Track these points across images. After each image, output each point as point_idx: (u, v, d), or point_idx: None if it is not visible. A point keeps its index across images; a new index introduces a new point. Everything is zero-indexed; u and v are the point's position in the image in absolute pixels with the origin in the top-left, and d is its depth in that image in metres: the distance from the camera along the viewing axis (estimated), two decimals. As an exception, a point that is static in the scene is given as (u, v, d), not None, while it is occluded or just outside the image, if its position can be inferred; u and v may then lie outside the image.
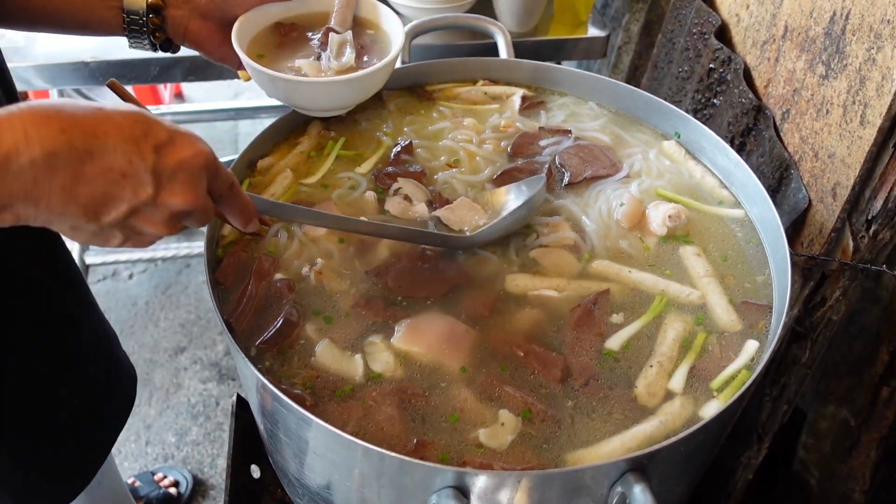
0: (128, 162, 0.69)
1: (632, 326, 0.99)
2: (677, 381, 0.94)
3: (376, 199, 1.14)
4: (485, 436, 0.89)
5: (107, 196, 0.69)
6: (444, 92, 1.35)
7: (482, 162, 1.20)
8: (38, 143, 0.64)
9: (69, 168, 0.66)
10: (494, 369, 0.95)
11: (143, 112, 0.72)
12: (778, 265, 1.05)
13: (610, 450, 0.88)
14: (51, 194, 0.67)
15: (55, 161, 0.65)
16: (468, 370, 0.94)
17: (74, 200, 0.68)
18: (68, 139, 0.66)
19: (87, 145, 0.67)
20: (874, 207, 1.09)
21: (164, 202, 0.73)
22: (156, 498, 2.16)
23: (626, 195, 1.14)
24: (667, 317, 1.01)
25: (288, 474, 1.08)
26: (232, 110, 2.92)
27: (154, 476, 2.22)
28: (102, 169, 0.68)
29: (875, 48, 1.04)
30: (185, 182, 0.73)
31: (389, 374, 0.94)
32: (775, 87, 1.30)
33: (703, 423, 0.84)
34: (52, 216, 0.69)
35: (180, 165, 0.72)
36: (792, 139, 1.24)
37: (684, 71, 1.59)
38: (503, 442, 0.88)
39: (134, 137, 0.69)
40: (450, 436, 0.89)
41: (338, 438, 0.83)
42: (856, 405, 1.43)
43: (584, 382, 0.93)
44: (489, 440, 0.88)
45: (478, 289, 1.03)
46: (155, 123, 0.71)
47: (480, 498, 0.82)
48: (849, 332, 1.44)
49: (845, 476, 1.48)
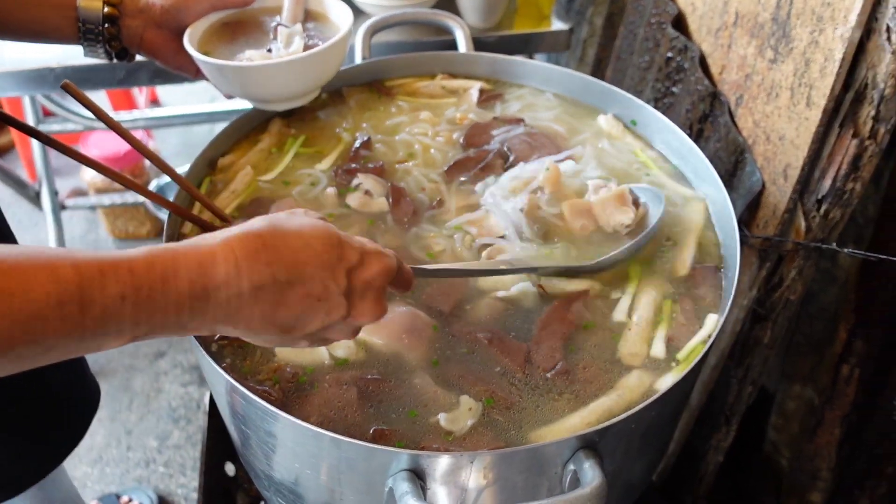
0: (324, 288, 0.74)
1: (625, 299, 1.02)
2: (658, 348, 0.97)
3: (337, 194, 1.16)
4: (445, 421, 0.90)
5: (302, 318, 0.74)
6: (403, 87, 1.36)
7: (437, 154, 1.22)
8: (248, 277, 0.69)
9: (272, 298, 0.71)
10: (457, 357, 0.96)
11: (335, 233, 0.76)
12: (725, 230, 1.07)
13: (569, 426, 0.89)
14: (251, 319, 0.71)
15: (261, 294, 0.70)
16: (431, 359, 0.96)
17: (272, 323, 0.73)
18: (273, 273, 0.70)
19: (289, 276, 0.72)
20: (823, 187, 1.12)
21: (355, 319, 0.79)
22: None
23: (547, 161, 1.14)
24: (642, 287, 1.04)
25: (256, 469, 1.09)
26: (206, 114, 2.92)
27: (119, 499, 2.21)
28: (301, 296, 0.73)
29: (818, 30, 1.06)
30: (374, 299, 0.79)
31: (351, 363, 0.95)
32: (729, 73, 1.32)
33: (651, 399, 0.86)
34: (249, 335, 0.75)
35: (370, 284, 0.78)
36: (746, 124, 1.27)
37: (645, 61, 1.61)
38: (463, 426, 0.90)
39: (330, 264, 0.74)
40: (411, 423, 0.90)
41: (297, 428, 0.85)
42: (819, 384, 1.46)
43: (548, 369, 0.95)
44: (450, 425, 0.90)
45: (440, 283, 1.04)
46: (347, 247, 0.76)
47: (437, 480, 0.83)
48: (809, 313, 1.47)
49: (813, 455, 1.51)
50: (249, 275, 0.69)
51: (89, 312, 0.60)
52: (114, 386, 2.53)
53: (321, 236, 0.74)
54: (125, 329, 0.64)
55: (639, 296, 1.03)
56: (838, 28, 1.02)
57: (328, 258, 0.74)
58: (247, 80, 1.13)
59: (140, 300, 0.63)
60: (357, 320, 0.79)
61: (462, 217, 1.11)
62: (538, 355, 0.96)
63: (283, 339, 0.76)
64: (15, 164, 3.03)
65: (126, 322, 0.63)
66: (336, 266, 0.75)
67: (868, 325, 1.32)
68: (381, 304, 0.80)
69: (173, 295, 0.65)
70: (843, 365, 1.35)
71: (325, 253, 0.74)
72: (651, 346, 0.97)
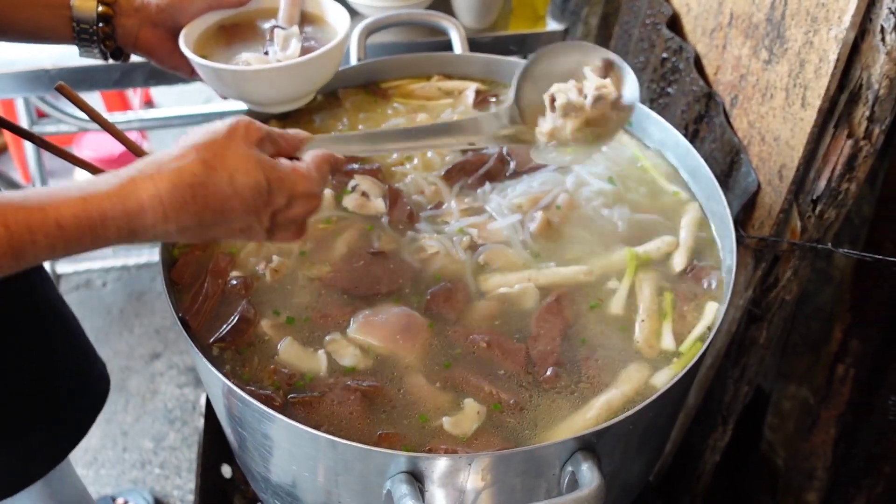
0: (247, 225, 0.82)
1: (622, 289, 1.03)
2: (667, 339, 0.98)
3: (333, 196, 1.16)
4: (449, 424, 0.90)
5: (225, 237, 0.85)
6: (398, 89, 1.36)
7: (434, 156, 1.22)
8: (175, 223, 0.76)
9: (197, 234, 0.80)
10: (458, 359, 0.96)
11: (265, 184, 0.81)
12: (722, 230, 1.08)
13: (573, 425, 0.90)
14: (173, 238, 0.80)
15: (186, 232, 0.78)
16: (431, 360, 0.96)
17: (196, 241, 0.90)
18: (199, 219, 0.77)
19: (215, 220, 0.79)
20: (818, 187, 1.12)
21: (275, 241, 0.89)
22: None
23: (561, 196, 1.15)
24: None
25: (253, 471, 1.09)
26: (201, 115, 2.91)
27: (115, 501, 2.21)
28: (224, 231, 0.81)
29: (812, 31, 1.07)
30: (296, 231, 0.88)
31: (352, 369, 0.95)
32: (724, 74, 1.32)
33: (649, 400, 0.86)
34: (170, 240, 0.88)
35: (293, 220, 0.86)
36: (741, 124, 1.27)
37: (640, 62, 1.61)
38: (467, 430, 0.90)
39: (256, 209, 0.81)
40: (414, 426, 0.90)
41: (294, 430, 0.85)
42: (814, 384, 1.46)
43: (548, 369, 0.95)
44: (453, 428, 0.90)
45: (431, 284, 1.04)
46: (277, 193, 0.82)
47: (435, 482, 0.84)
48: (804, 312, 1.47)
49: (808, 454, 1.51)
50: (177, 222, 0.76)
51: (23, 260, 0.69)
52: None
53: (252, 186, 0.79)
54: (56, 258, 0.74)
55: (637, 289, 1.03)
56: (833, 29, 1.03)
57: (255, 205, 0.80)
58: (243, 83, 1.13)
59: (70, 247, 0.71)
60: (277, 241, 0.91)
61: (465, 220, 1.11)
62: (537, 355, 0.96)
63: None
64: (8, 165, 3.02)
65: (57, 256, 0.72)
66: (262, 210, 0.81)
67: (863, 325, 1.32)
68: (302, 231, 0.89)
69: (101, 242, 0.73)
70: (838, 364, 1.36)
71: (254, 201, 0.80)
72: (661, 338, 0.98)
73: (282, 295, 1.03)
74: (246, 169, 0.79)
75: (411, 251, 1.09)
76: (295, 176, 0.83)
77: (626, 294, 1.03)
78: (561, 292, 1.02)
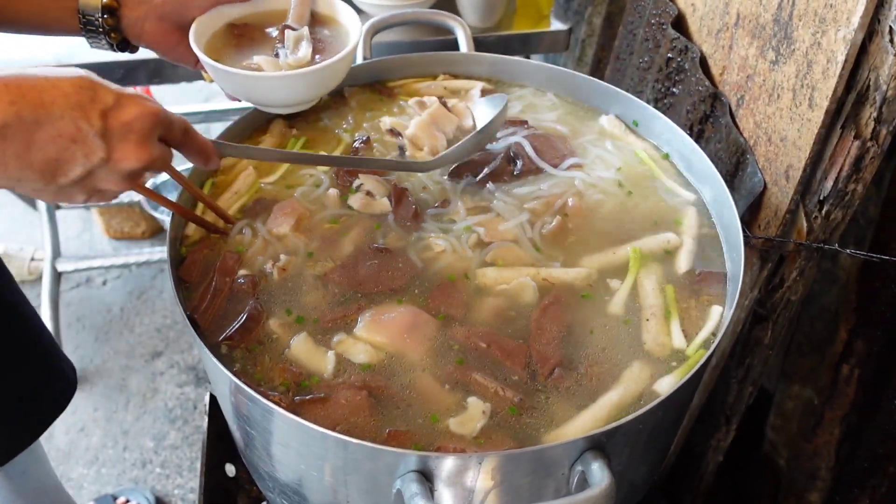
0: (76, 128, 0.74)
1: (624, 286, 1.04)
2: (677, 338, 0.98)
3: (339, 195, 1.16)
4: (455, 423, 0.90)
5: (60, 161, 0.75)
6: (404, 87, 1.36)
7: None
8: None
9: (20, 137, 0.72)
10: (462, 358, 0.96)
11: (88, 77, 0.76)
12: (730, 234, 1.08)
13: (580, 425, 0.90)
14: (6, 162, 0.72)
15: (6, 131, 0.71)
16: (437, 358, 0.96)
17: (30, 167, 0.74)
18: (17, 111, 0.71)
19: (36, 115, 0.72)
20: (825, 188, 1.12)
21: (117, 162, 0.78)
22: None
23: (571, 200, 1.15)
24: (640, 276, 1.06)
25: (260, 470, 1.09)
26: (202, 113, 2.91)
27: (115, 500, 2.20)
28: (52, 136, 0.73)
29: (820, 32, 1.07)
30: (136, 142, 0.79)
31: (363, 366, 0.95)
32: (730, 74, 1.32)
33: (659, 399, 0.86)
34: (11, 181, 0.75)
35: (129, 126, 0.78)
36: (747, 124, 1.27)
37: (645, 61, 1.61)
38: (473, 428, 0.90)
39: (81, 104, 0.74)
40: (421, 425, 0.90)
41: (305, 429, 0.84)
42: (819, 384, 1.47)
43: (550, 370, 0.95)
44: (459, 428, 0.90)
45: (437, 282, 1.04)
46: (101, 88, 0.76)
47: (444, 481, 0.83)
48: (810, 313, 1.47)
49: (812, 454, 1.52)
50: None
51: None
52: (109, 386, 2.52)
53: (71, 78, 0.75)
54: None
55: (639, 287, 1.04)
56: (841, 30, 1.03)
57: (78, 99, 0.75)
58: (255, 87, 1.13)
59: None
60: (119, 164, 0.79)
61: (474, 218, 1.11)
62: (539, 354, 0.96)
63: (50, 187, 0.77)
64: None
65: None
66: (88, 106, 0.75)
67: (869, 326, 1.32)
68: (146, 149, 0.81)
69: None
70: (843, 365, 1.36)
71: (75, 94, 0.75)
72: (672, 336, 0.99)
73: (289, 293, 1.03)
74: (63, 70, 0.76)
75: (418, 249, 1.08)
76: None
77: (629, 292, 1.03)
78: (559, 292, 1.02)
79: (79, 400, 2.50)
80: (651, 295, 1.03)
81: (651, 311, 1.01)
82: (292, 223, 1.09)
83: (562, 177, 1.18)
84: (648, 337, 0.98)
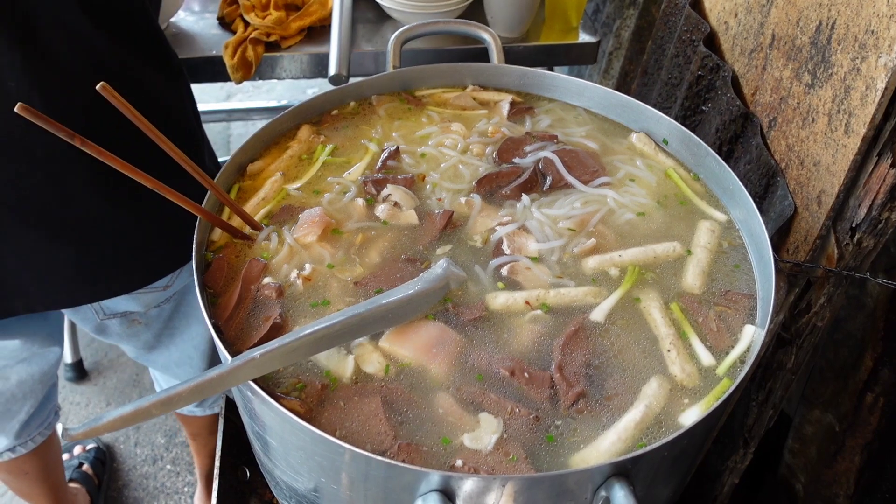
0: None
1: (611, 297, 1.03)
2: (704, 356, 0.97)
3: (365, 205, 1.15)
4: (470, 440, 0.89)
5: None
6: (433, 97, 1.35)
7: (464, 169, 1.21)
8: None
9: None
10: (483, 378, 0.95)
11: None
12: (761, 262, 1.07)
13: (604, 448, 0.89)
14: None
15: None
16: (458, 375, 0.95)
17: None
18: None
19: None
20: (858, 215, 1.11)
21: None
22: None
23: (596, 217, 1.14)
24: (642, 298, 1.04)
25: (276, 478, 1.08)
26: (224, 111, 2.92)
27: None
28: None
29: (860, 58, 1.05)
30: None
31: (379, 375, 0.95)
32: (762, 95, 1.31)
33: (685, 428, 0.85)
34: None
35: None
36: (778, 147, 1.26)
37: (674, 77, 1.60)
38: (486, 443, 0.89)
39: None
40: (434, 439, 0.89)
41: (326, 443, 0.84)
42: (841, 411, 1.45)
43: (574, 399, 0.93)
44: (474, 444, 0.89)
45: (462, 304, 1.03)
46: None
47: (465, 501, 0.83)
48: (834, 339, 1.45)
49: (830, 481, 1.50)
50: None
51: None
52: (123, 381, 2.53)
53: None
54: None
55: (646, 315, 1.02)
56: (882, 57, 1.01)
57: None
58: None
59: None
60: None
61: (501, 230, 1.10)
62: (562, 381, 0.94)
63: None
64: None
65: None
66: None
67: (895, 355, 1.30)
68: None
69: None
70: (867, 393, 1.34)
71: None
72: (698, 357, 0.98)
73: (313, 302, 1.02)
74: None
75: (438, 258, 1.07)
76: None
77: (613, 304, 1.03)
78: (582, 320, 1.01)
79: (92, 394, 2.51)
80: (658, 318, 1.01)
81: (669, 340, 0.99)
82: (319, 232, 1.08)
83: (592, 194, 1.17)
84: (677, 369, 0.96)
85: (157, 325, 1.54)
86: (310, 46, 1.79)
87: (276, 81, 3.43)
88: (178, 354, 1.66)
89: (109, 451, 2.37)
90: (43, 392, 1.65)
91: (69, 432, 0.81)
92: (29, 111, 0.82)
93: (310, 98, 1.28)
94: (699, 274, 1.07)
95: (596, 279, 1.06)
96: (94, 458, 2.26)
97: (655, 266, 1.08)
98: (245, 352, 0.88)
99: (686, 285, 1.06)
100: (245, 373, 0.87)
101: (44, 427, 1.72)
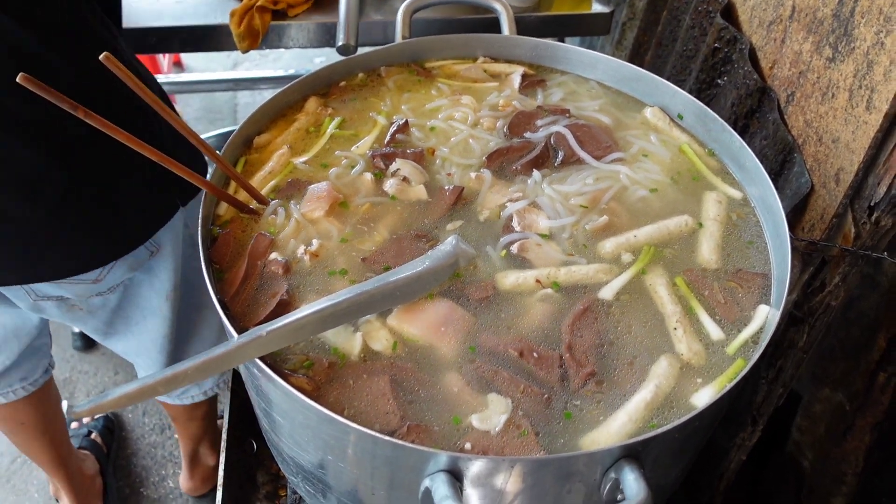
0: None
1: (623, 275, 1.01)
2: (713, 331, 0.96)
3: (373, 179, 1.13)
4: (478, 421, 0.88)
5: None
6: (443, 69, 1.33)
7: (474, 143, 1.18)
8: None
9: None
10: (491, 357, 0.94)
11: None
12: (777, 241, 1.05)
13: (615, 429, 0.88)
14: None
15: None
16: (469, 352, 0.94)
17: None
18: None
19: None
20: (877, 194, 1.08)
21: None
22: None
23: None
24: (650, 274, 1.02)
25: (282, 453, 1.08)
26: (231, 80, 2.89)
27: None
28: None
29: (884, 31, 1.02)
30: None
31: (387, 353, 0.94)
32: (781, 69, 1.28)
33: (698, 410, 0.84)
34: None
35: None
36: (796, 122, 1.23)
37: (689, 49, 1.56)
38: (495, 424, 0.88)
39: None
40: (443, 418, 0.89)
41: (333, 422, 0.83)
42: (851, 390, 1.43)
43: (584, 380, 0.92)
44: (482, 424, 0.88)
45: (471, 282, 1.01)
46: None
47: (473, 482, 0.82)
48: (847, 318, 1.44)
49: (839, 459, 1.49)
50: None
51: None
52: (131, 351, 2.53)
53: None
54: None
55: (651, 293, 1.01)
56: (907, 30, 0.98)
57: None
58: None
59: None
60: None
61: (511, 207, 1.08)
62: (571, 361, 0.93)
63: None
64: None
65: None
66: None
67: (909, 335, 1.29)
68: None
69: None
70: (879, 372, 1.33)
71: None
72: (706, 330, 0.96)
73: (321, 279, 1.01)
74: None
75: (446, 234, 1.05)
76: None
77: (625, 282, 1.01)
78: (591, 298, 0.99)
79: (100, 363, 2.52)
80: (664, 295, 1.00)
81: (675, 317, 0.97)
82: (326, 207, 1.07)
83: (605, 170, 1.14)
84: (684, 347, 0.95)
85: (103, 314, 1.53)
86: (317, 15, 1.75)
87: (284, 50, 3.40)
88: (135, 344, 1.65)
89: (118, 420, 2.38)
90: (19, 346, 1.64)
91: (74, 409, 0.80)
92: (32, 82, 0.80)
93: (317, 69, 1.26)
94: (714, 248, 1.05)
95: (609, 258, 1.04)
96: (102, 427, 2.28)
97: (671, 242, 1.06)
98: (251, 329, 0.87)
99: (702, 260, 1.04)
100: (251, 350, 0.86)
101: (27, 382, 1.73)
